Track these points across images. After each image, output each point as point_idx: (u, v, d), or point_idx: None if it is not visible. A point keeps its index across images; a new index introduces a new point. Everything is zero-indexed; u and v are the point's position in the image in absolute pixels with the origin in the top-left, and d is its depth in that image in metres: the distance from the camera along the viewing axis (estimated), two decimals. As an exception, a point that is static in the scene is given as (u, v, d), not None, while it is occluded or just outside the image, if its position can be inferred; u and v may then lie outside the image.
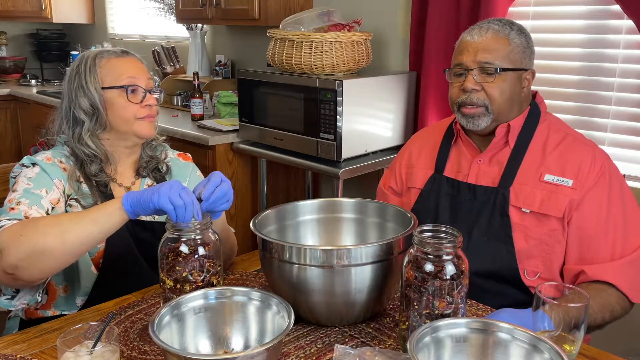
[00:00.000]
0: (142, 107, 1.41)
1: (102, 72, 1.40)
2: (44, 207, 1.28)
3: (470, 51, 1.40)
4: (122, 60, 1.43)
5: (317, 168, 2.42)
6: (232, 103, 3.10)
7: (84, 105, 1.39)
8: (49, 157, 1.38)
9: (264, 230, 1.22)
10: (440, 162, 1.52)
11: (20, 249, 1.12)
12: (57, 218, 1.18)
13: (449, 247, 0.98)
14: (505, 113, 1.41)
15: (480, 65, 1.38)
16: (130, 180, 1.48)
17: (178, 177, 1.55)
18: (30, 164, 1.36)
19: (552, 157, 1.39)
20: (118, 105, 1.40)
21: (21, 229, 1.15)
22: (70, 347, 0.93)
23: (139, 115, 1.41)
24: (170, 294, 1.12)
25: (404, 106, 2.51)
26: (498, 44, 1.38)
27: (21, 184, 1.30)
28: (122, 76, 1.40)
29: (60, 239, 1.13)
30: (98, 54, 1.43)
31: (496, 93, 1.38)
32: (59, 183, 1.35)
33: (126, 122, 1.41)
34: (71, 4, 4.59)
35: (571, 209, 1.33)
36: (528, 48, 1.41)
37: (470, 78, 1.39)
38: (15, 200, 1.26)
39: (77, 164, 1.40)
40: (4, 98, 4.37)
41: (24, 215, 1.23)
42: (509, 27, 1.40)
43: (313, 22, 2.40)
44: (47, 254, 1.13)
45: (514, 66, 1.38)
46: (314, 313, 1.14)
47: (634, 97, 2.03)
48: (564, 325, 0.97)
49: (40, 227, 1.14)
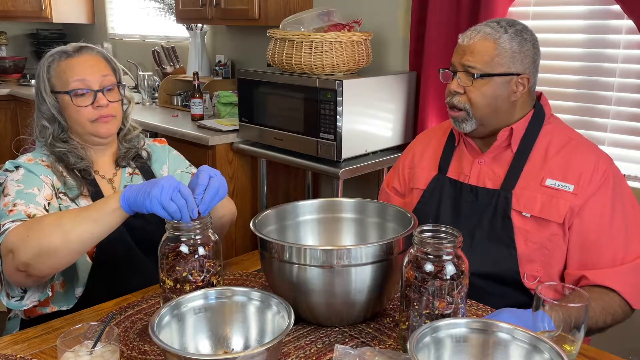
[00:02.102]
0: (94, 109, 1.40)
1: (54, 76, 1.41)
2: (40, 204, 1.29)
3: (459, 52, 1.40)
4: (72, 62, 1.41)
5: (317, 168, 2.42)
6: (232, 103, 3.10)
7: (45, 111, 1.42)
8: (30, 159, 1.40)
9: (264, 230, 1.22)
10: (444, 163, 1.52)
11: (28, 249, 1.14)
12: (59, 218, 1.18)
13: (449, 247, 0.98)
14: (488, 118, 1.39)
15: (464, 68, 1.38)
16: (112, 172, 1.50)
17: (158, 161, 1.57)
18: (14, 167, 1.37)
19: (555, 162, 1.37)
20: (71, 110, 1.40)
21: (27, 229, 1.17)
22: (70, 347, 0.93)
23: (91, 117, 1.40)
24: (170, 294, 1.12)
25: (404, 106, 2.51)
26: (483, 48, 1.36)
27: (11, 188, 1.31)
28: (70, 79, 1.39)
29: (63, 239, 1.14)
30: (50, 57, 1.42)
31: (477, 97, 1.37)
32: (47, 178, 1.36)
33: (81, 125, 1.41)
34: (71, 4, 4.59)
35: (572, 214, 1.32)
36: (520, 52, 1.36)
37: (455, 80, 1.40)
38: (10, 203, 1.27)
39: (56, 160, 1.41)
40: (4, 98, 4.36)
41: (25, 214, 1.23)
42: (503, 30, 1.36)
43: (313, 22, 2.40)
44: (53, 254, 1.15)
45: (498, 71, 1.36)
46: (314, 313, 1.14)
47: (634, 97, 2.03)
48: (564, 325, 0.97)
49: (45, 228, 1.15)
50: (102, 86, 1.41)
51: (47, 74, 1.41)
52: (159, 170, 1.57)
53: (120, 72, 1.50)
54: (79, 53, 1.42)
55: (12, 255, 1.16)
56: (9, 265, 1.18)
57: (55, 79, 1.41)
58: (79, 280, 1.39)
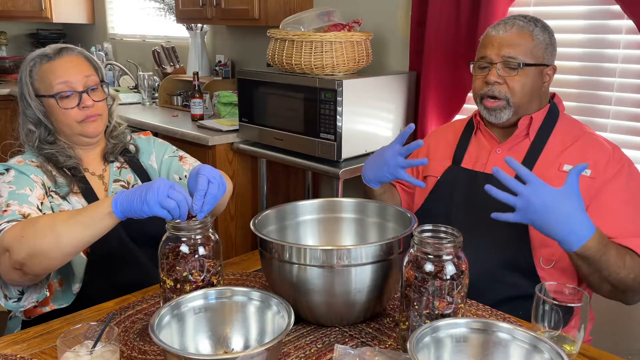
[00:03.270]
0: (80, 110, 1.40)
1: (37, 80, 1.41)
2: (33, 204, 1.30)
3: (494, 45, 1.44)
4: (54, 64, 1.40)
5: (317, 168, 2.42)
6: (232, 103, 3.10)
7: (30, 115, 1.42)
8: (20, 160, 1.41)
9: (264, 230, 1.22)
10: (459, 154, 1.55)
11: (22, 249, 1.16)
12: (53, 221, 1.18)
13: (449, 247, 0.98)
14: (524, 107, 1.45)
15: (504, 60, 1.42)
16: (101, 168, 1.51)
17: (145, 153, 1.59)
18: (4, 170, 1.37)
19: (571, 150, 1.41)
20: (57, 113, 1.40)
21: (22, 229, 1.18)
22: (70, 347, 0.93)
23: (78, 118, 1.41)
24: (170, 294, 1.12)
25: (404, 106, 2.51)
26: (522, 40, 1.42)
27: (3, 189, 1.31)
28: (53, 82, 1.39)
29: (56, 242, 1.16)
30: (31, 60, 1.42)
31: (518, 87, 1.42)
32: (37, 178, 1.37)
33: (69, 127, 1.42)
34: (71, 4, 4.59)
35: (589, 197, 1.34)
36: (550, 44, 1.45)
37: (494, 71, 1.43)
38: (3, 203, 1.27)
39: (45, 160, 1.41)
40: (4, 98, 4.36)
41: (19, 214, 1.24)
42: (533, 23, 1.45)
43: (313, 22, 2.40)
44: (45, 255, 1.16)
45: (536, 61, 1.42)
46: (314, 313, 1.14)
47: (634, 97, 2.03)
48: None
49: (39, 230, 1.16)
50: (85, 86, 1.41)
51: (30, 78, 1.41)
52: (147, 161, 1.58)
53: (102, 70, 1.51)
54: (59, 55, 1.42)
55: (8, 254, 1.18)
56: (5, 264, 1.20)
57: (39, 83, 1.41)
58: (75, 276, 1.40)
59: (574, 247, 1.17)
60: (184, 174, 1.55)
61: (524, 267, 1.38)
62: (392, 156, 1.41)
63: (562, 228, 1.16)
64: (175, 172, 1.56)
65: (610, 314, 1.74)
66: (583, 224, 1.16)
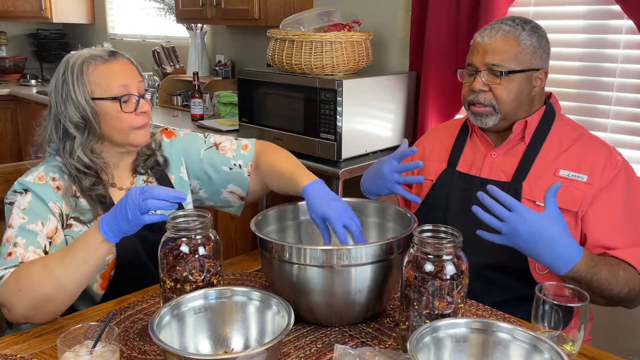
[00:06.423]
0: (137, 116, 1.32)
1: (91, 81, 1.30)
2: (40, 245, 1.23)
3: (479, 52, 1.42)
4: (111, 66, 1.32)
5: (317, 168, 2.41)
6: (232, 103, 3.10)
7: (74, 118, 1.30)
8: (41, 176, 1.31)
9: (264, 230, 1.22)
10: (454, 157, 1.54)
11: (23, 303, 1.13)
12: (46, 266, 1.14)
13: (449, 247, 0.98)
14: (513, 112, 1.43)
15: (488, 67, 1.40)
16: (129, 181, 1.43)
17: (176, 165, 1.51)
18: (22, 190, 1.28)
19: (568, 154, 1.40)
20: (111, 117, 1.31)
21: (16, 282, 1.14)
22: (70, 347, 0.93)
23: (136, 125, 1.33)
24: (170, 294, 1.12)
25: (404, 106, 2.51)
26: (506, 46, 1.39)
27: (16, 219, 1.25)
28: (113, 84, 1.30)
29: (56, 285, 1.13)
30: (85, 61, 1.31)
31: (503, 94, 1.40)
32: (55, 206, 1.28)
33: (121, 133, 1.33)
34: (71, 4, 4.59)
35: (586, 203, 1.34)
36: (540, 48, 1.41)
37: (479, 79, 1.42)
38: (12, 240, 1.22)
39: (70, 178, 1.32)
40: (4, 98, 4.37)
41: (20, 261, 1.19)
42: (521, 27, 1.40)
43: (313, 22, 2.40)
44: (49, 301, 1.14)
45: (522, 67, 1.39)
46: (314, 313, 1.14)
47: (634, 97, 2.03)
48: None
49: (35, 279, 1.13)
50: (140, 92, 1.34)
51: (82, 76, 1.30)
52: (177, 173, 1.51)
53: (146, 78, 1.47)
54: (114, 57, 1.34)
55: (7, 310, 1.16)
56: (7, 316, 1.17)
57: (95, 84, 1.30)
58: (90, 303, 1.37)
59: (562, 272, 1.18)
60: (232, 163, 1.51)
61: (517, 271, 1.38)
62: (389, 172, 1.40)
63: (549, 254, 1.15)
64: (222, 164, 1.51)
65: (611, 313, 1.73)
66: (568, 248, 1.16)
